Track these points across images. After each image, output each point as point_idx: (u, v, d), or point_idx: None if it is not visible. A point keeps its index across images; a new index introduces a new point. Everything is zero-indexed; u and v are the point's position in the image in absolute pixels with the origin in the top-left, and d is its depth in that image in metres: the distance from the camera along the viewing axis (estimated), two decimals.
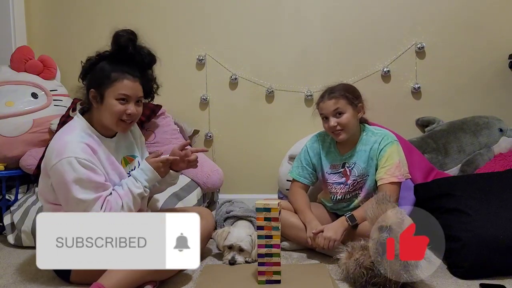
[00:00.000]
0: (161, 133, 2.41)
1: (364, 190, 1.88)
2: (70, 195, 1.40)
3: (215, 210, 2.17)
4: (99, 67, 1.52)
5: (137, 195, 1.49)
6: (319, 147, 1.98)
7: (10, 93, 2.35)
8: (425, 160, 2.25)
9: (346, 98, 1.82)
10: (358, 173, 1.87)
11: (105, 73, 1.49)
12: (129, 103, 1.50)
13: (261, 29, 2.59)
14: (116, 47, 1.52)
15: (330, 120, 1.82)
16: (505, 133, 2.32)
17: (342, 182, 1.90)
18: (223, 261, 1.76)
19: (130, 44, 1.51)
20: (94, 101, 1.51)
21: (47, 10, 2.73)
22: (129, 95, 1.49)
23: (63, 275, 1.54)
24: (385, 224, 1.39)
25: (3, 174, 2.24)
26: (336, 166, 1.92)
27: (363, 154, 1.87)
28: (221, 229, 1.82)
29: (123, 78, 1.48)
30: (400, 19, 2.51)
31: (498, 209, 1.64)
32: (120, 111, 1.48)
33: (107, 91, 1.48)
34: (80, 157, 1.40)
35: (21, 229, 2.01)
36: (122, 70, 1.49)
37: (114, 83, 1.48)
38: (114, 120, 1.50)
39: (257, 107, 2.61)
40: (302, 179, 1.98)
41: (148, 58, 1.57)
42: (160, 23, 2.63)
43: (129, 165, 1.64)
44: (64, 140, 1.45)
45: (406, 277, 1.38)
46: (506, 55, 2.44)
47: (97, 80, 1.50)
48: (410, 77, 2.52)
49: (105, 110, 1.49)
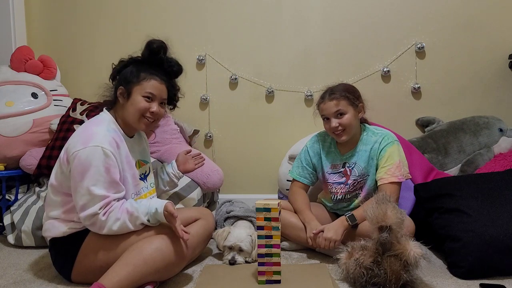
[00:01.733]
0: (161, 133, 2.41)
1: (364, 190, 1.88)
2: (82, 183, 1.42)
3: (215, 210, 2.17)
4: (129, 68, 1.61)
5: (139, 224, 1.49)
6: (320, 147, 1.98)
7: (10, 93, 2.35)
8: (425, 160, 2.25)
9: (347, 98, 1.82)
10: (359, 173, 1.87)
11: (134, 73, 1.58)
12: (153, 102, 1.58)
13: (261, 29, 2.59)
14: (148, 52, 1.62)
15: (332, 121, 1.82)
16: (505, 133, 2.32)
17: (342, 182, 1.90)
18: (223, 261, 1.76)
19: (162, 50, 1.63)
20: (121, 97, 1.59)
21: (47, 10, 2.73)
22: (154, 94, 1.58)
23: (65, 273, 1.55)
24: (385, 224, 1.39)
25: (3, 174, 2.24)
26: (336, 166, 1.93)
27: (363, 154, 1.87)
28: (221, 229, 1.82)
29: (150, 78, 1.58)
30: (400, 19, 2.51)
31: (498, 209, 1.64)
32: (145, 107, 1.56)
33: (134, 88, 1.56)
34: (106, 147, 1.44)
35: (21, 229, 2.01)
36: (151, 72, 1.59)
37: (142, 81, 1.57)
38: (137, 116, 1.56)
39: (257, 107, 2.61)
40: (302, 179, 1.98)
41: (176, 67, 1.68)
42: (160, 23, 2.64)
43: (141, 168, 1.66)
44: (92, 130, 1.49)
45: (406, 277, 1.38)
46: (506, 55, 2.44)
47: (126, 78, 1.59)
48: (410, 77, 2.52)
49: (131, 106, 1.56)
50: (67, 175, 1.48)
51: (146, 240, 1.43)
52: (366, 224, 1.54)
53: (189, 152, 1.91)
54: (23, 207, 2.11)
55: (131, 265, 1.37)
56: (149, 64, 1.61)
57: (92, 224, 1.44)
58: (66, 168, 1.48)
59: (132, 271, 1.36)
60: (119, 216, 1.44)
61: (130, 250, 1.40)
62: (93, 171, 1.41)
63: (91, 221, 1.43)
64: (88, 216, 1.42)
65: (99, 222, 1.43)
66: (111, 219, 1.43)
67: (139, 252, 1.39)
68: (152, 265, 1.39)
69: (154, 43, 1.62)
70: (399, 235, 1.41)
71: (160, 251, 1.41)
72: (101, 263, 1.44)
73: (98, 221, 1.43)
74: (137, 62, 1.63)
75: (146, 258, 1.38)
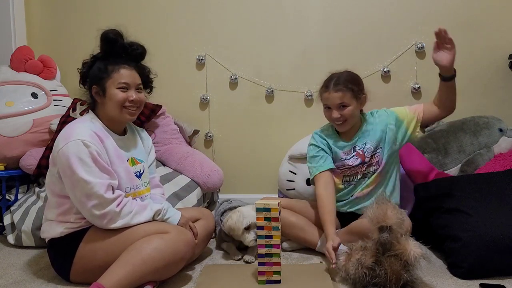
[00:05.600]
0: (161, 133, 2.41)
1: (382, 163, 1.85)
2: (75, 177, 1.42)
3: (215, 210, 2.17)
4: (95, 66, 1.60)
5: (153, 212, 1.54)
6: (325, 139, 1.94)
7: (10, 93, 2.35)
8: (425, 160, 2.24)
9: (352, 91, 1.80)
10: (373, 147, 1.86)
11: (102, 68, 1.57)
12: (129, 90, 1.58)
13: (261, 29, 2.59)
14: (106, 43, 1.60)
15: (333, 112, 1.82)
16: (505, 133, 2.31)
17: (359, 163, 1.87)
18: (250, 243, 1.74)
19: (119, 38, 1.60)
20: (97, 96, 1.58)
21: (47, 10, 2.73)
22: (128, 82, 1.57)
23: (63, 274, 1.55)
24: (386, 224, 1.39)
25: (3, 174, 2.24)
26: (348, 152, 1.90)
27: (372, 131, 1.86)
28: (231, 221, 1.78)
29: (119, 68, 1.57)
30: (400, 19, 2.51)
31: (498, 209, 1.64)
32: (123, 98, 1.56)
33: (107, 83, 1.56)
34: (86, 139, 1.45)
35: (21, 229, 2.01)
36: (117, 62, 1.58)
37: (112, 74, 1.56)
38: (118, 108, 1.56)
39: (257, 107, 2.61)
40: (326, 166, 1.87)
41: (140, 49, 1.65)
42: (160, 23, 2.63)
43: (136, 166, 1.65)
44: (73, 127, 1.51)
45: (406, 277, 1.38)
46: (506, 55, 2.44)
47: (96, 76, 1.58)
48: (410, 77, 2.52)
49: (109, 101, 1.56)
50: (57, 177, 1.49)
51: (145, 239, 1.43)
52: (366, 224, 1.53)
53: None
54: (23, 207, 2.11)
55: (130, 265, 1.36)
56: (113, 56, 1.60)
57: (102, 216, 1.44)
58: (54, 169, 1.49)
59: (131, 270, 1.36)
60: (132, 208, 1.47)
61: (129, 250, 1.40)
62: (81, 163, 1.42)
63: (101, 212, 1.43)
64: (97, 206, 1.42)
65: (111, 213, 1.44)
66: (125, 211, 1.46)
67: (138, 252, 1.39)
68: (151, 265, 1.39)
69: (109, 33, 1.59)
70: (399, 235, 1.41)
71: (159, 251, 1.41)
72: (100, 263, 1.43)
73: (110, 212, 1.44)
74: (101, 58, 1.61)
75: (145, 257, 1.38)
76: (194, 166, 2.24)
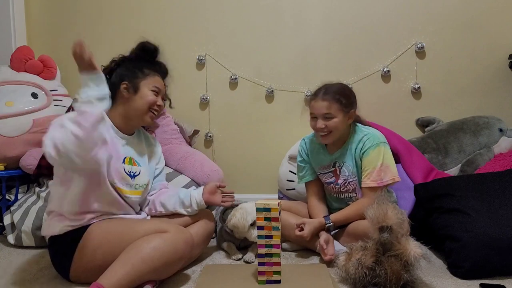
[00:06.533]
0: (161, 133, 2.41)
1: (359, 192, 1.87)
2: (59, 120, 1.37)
3: (215, 210, 2.17)
4: (127, 65, 1.66)
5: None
6: (307, 149, 1.98)
7: (10, 93, 2.35)
8: (425, 160, 2.25)
9: (340, 103, 1.76)
10: (348, 173, 1.85)
11: (138, 68, 1.65)
12: (159, 96, 1.67)
13: (261, 29, 2.59)
14: (143, 52, 1.69)
15: (318, 121, 1.79)
16: (505, 133, 2.32)
17: (332, 182, 1.90)
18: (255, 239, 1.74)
19: (156, 52, 1.72)
20: (125, 92, 1.62)
21: (47, 10, 2.73)
22: (160, 89, 1.68)
23: (63, 272, 1.55)
24: (386, 225, 1.39)
25: (3, 174, 2.24)
26: (326, 166, 1.91)
27: (350, 154, 1.85)
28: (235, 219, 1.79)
29: (155, 74, 1.68)
30: (400, 19, 2.51)
31: (498, 209, 1.64)
32: (154, 100, 1.64)
33: (142, 83, 1.63)
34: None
35: (21, 229, 2.01)
36: (153, 69, 1.68)
37: (147, 76, 1.65)
38: (145, 108, 1.63)
39: (257, 107, 2.61)
40: (308, 178, 1.97)
41: (166, 69, 1.77)
42: (160, 23, 2.64)
43: (131, 166, 1.65)
44: None
45: (406, 277, 1.38)
46: (506, 55, 2.44)
47: (129, 73, 1.64)
48: (410, 77, 2.52)
49: (140, 99, 1.62)
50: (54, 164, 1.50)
51: (144, 239, 1.42)
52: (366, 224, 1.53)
53: (222, 187, 1.83)
54: (23, 207, 2.11)
55: (130, 264, 1.36)
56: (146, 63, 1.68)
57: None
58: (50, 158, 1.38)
59: (130, 270, 1.36)
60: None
61: (128, 249, 1.40)
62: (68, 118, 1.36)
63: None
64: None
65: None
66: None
67: (137, 252, 1.39)
68: (151, 264, 1.39)
69: (150, 45, 1.70)
70: (399, 235, 1.41)
71: (158, 250, 1.40)
72: (99, 262, 1.43)
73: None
74: (133, 60, 1.68)
75: (144, 257, 1.38)
76: (194, 166, 2.24)
